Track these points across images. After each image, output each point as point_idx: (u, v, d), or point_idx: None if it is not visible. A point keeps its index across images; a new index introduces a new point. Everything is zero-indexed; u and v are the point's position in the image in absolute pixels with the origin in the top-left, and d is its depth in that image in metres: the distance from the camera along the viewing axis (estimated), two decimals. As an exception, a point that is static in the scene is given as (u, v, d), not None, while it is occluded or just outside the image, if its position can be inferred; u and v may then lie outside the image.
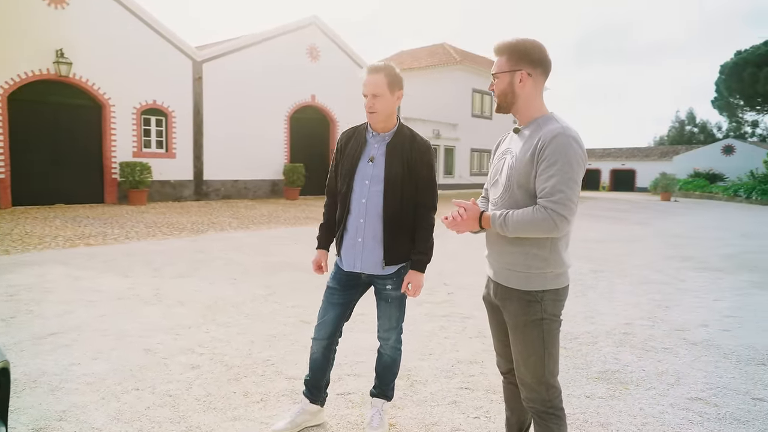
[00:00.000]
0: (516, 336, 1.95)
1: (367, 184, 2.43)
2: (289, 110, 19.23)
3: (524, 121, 1.95)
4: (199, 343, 3.86)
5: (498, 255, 1.98)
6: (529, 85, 1.90)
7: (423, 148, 2.47)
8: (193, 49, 16.57)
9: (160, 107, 15.79)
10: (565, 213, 1.74)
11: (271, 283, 5.87)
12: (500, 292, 1.98)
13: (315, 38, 19.86)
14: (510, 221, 1.81)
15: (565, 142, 1.77)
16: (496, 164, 2.04)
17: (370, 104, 2.37)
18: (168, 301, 4.97)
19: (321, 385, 2.65)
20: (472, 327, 4.45)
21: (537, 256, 1.87)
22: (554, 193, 1.74)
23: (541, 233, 1.78)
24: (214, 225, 11.01)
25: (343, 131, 2.63)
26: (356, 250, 2.46)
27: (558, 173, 1.75)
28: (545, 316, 1.89)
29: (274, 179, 18.93)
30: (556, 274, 1.90)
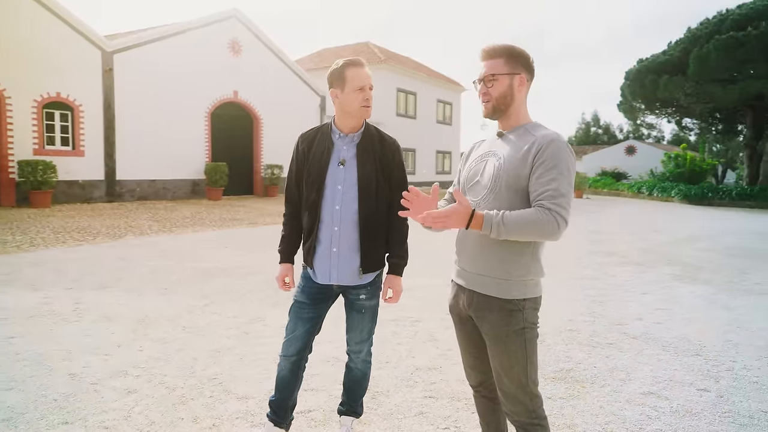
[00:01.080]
0: (497, 347, 1.87)
1: (340, 189, 2.26)
2: (210, 106, 18.36)
3: (509, 126, 1.92)
4: (133, 363, 3.49)
5: (473, 261, 1.90)
6: (525, 90, 1.89)
7: (393, 147, 2.36)
8: (102, 38, 15.33)
9: (65, 100, 14.47)
10: (566, 216, 1.70)
11: (206, 291, 5.49)
12: (477, 301, 1.89)
13: (236, 32, 19.10)
14: (509, 221, 1.69)
15: (562, 148, 1.77)
16: (475, 167, 1.97)
17: (368, 97, 2.23)
18: (91, 317, 4.48)
19: (288, 407, 2.44)
20: (424, 331, 4.38)
21: (517, 263, 1.82)
22: (557, 196, 1.70)
23: (542, 235, 1.70)
24: (133, 229, 10.23)
25: (303, 133, 2.43)
26: (332, 260, 2.28)
27: (559, 177, 1.72)
28: (527, 325, 1.84)
29: (195, 179, 17.98)
30: (536, 282, 1.87)
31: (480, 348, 1.99)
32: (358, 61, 2.24)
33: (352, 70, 2.21)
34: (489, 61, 1.87)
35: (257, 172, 20.40)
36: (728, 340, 4.26)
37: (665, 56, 23.51)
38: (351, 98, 2.21)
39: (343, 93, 2.21)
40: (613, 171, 38.39)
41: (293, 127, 21.48)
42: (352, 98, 2.21)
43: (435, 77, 31.25)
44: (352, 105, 2.22)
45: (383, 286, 2.41)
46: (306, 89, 22.52)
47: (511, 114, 1.90)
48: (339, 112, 2.28)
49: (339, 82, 2.22)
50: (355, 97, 2.21)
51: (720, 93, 21.59)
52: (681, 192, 23.50)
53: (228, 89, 18.85)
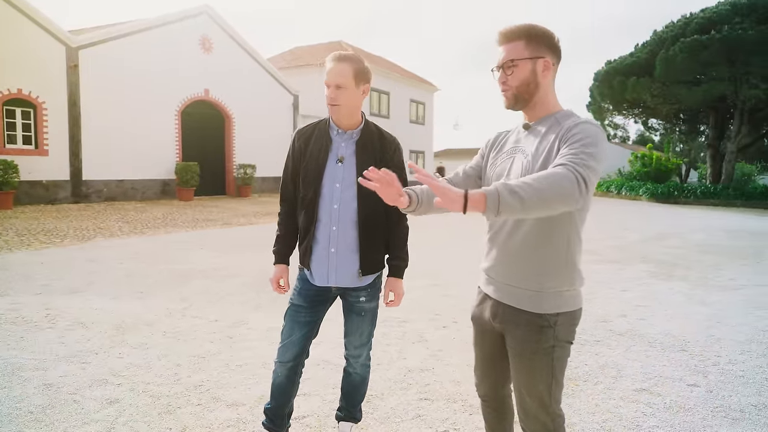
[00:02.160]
0: (521, 364, 1.71)
1: (338, 187, 2.17)
2: (180, 105, 17.93)
3: (537, 116, 1.69)
4: (113, 371, 3.33)
5: (502, 268, 1.72)
6: (551, 75, 1.67)
7: (392, 145, 2.27)
8: (66, 33, 14.79)
9: (26, 97, 13.91)
10: (589, 181, 1.38)
11: (185, 294, 5.31)
12: (503, 313, 1.72)
13: (207, 29, 18.72)
14: (524, 181, 1.34)
15: (591, 127, 1.54)
16: (501, 164, 1.75)
17: (333, 96, 2.11)
18: (64, 323, 4.27)
19: (284, 414, 2.34)
20: (412, 332, 4.32)
21: (552, 272, 1.63)
22: (581, 162, 1.41)
23: (561, 196, 1.35)
24: (102, 230, 9.89)
25: (299, 129, 2.32)
26: (330, 262, 2.19)
27: (586, 149, 1.45)
28: (557, 342, 1.64)
29: (165, 179, 17.54)
30: (573, 294, 1.67)
31: (498, 362, 1.85)
32: (333, 56, 2.14)
33: (328, 65, 2.13)
34: (507, 45, 1.65)
35: (229, 171, 20.04)
36: (711, 335, 4.34)
37: (633, 58, 24.05)
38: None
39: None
40: (582, 170, 39.12)
41: (266, 126, 21.21)
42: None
43: (408, 77, 31.29)
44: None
45: (384, 288, 2.33)
46: (279, 88, 22.23)
47: (537, 103, 1.68)
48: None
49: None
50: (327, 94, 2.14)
51: (685, 94, 22.20)
52: (649, 191, 24.10)
53: (199, 87, 18.46)
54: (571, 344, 1.71)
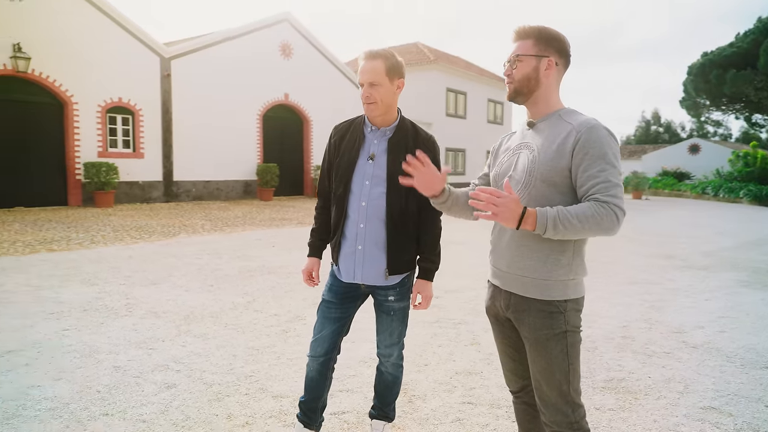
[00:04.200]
0: (537, 352, 1.74)
1: (368, 184, 2.17)
2: (261, 109, 18.78)
3: (540, 114, 1.79)
4: (175, 358, 3.55)
5: (511, 260, 1.77)
6: (553, 74, 1.76)
7: (428, 143, 2.23)
8: (161, 45, 15.98)
9: (126, 105, 15.17)
10: (623, 206, 1.57)
11: (251, 289, 5.56)
12: (515, 303, 1.78)
13: (288, 35, 19.45)
14: (566, 218, 1.55)
15: (605, 135, 1.64)
16: (507, 161, 1.84)
17: (367, 94, 2.11)
18: (140, 312, 4.61)
19: (317, 408, 2.38)
20: (466, 334, 4.24)
21: (559, 261, 1.69)
22: (610, 187, 1.57)
23: (601, 231, 1.57)
24: (186, 228, 10.57)
25: (336, 125, 2.35)
26: (356, 258, 2.19)
27: (607, 166, 1.59)
28: (568, 328, 1.71)
29: (247, 180, 18.45)
30: (577, 282, 1.74)
31: (520, 351, 1.88)
32: (364, 53, 2.13)
33: (361, 64, 2.13)
34: (518, 42, 1.76)
35: (307, 172, 20.70)
36: (803, 352, 3.89)
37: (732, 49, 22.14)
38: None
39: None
40: (674, 171, 36.53)
41: (342, 128, 21.68)
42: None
43: (486, 76, 30.75)
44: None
45: (413, 290, 2.28)
46: (356, 91, 22.65)
47: (539, 100, 1.77)
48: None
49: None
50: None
51: (795, 86, 20.11)
52: (751, 193, 22.04)
53: (279, 92, 19.23)
54: (581, 331, 1.76)
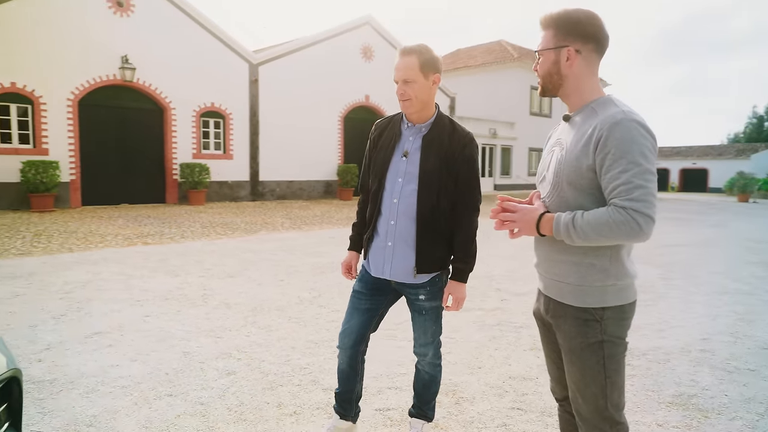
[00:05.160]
0: (571, 361, 1.65)
1: (400, 182, 2.17)
2: (343, 111, 19.27)
3: (575, 107, 1.66)
4: (238, 347, 3.75)
5: (548, 265, 1.69)
6: (579, 63, 1.60)
7: (464, 140, 2.18)
8: (250, 52, 16.89)
9: (218, 109, 16.18)
10: (649, 211, 1.42)
11: (318, 285, 5.74)
12: (552, 308, 1.70)
13: (369, 38, 19.79)
14: (580, 226, 1.48)
15: (631, 128, 1.46)
16: (545, 159, 1.76)
17: (402, 91, 2.11)
18: (213, 303, 4.92)
19: (351, 399, 2.42)
20: (527, 338, 4.11)
21: (594, 266, 1.57)
22: (632, 189, 1.42)
23: (622, 239, 1.45)
24: (267, 225, 11.09)
25: (378, 121, 2.36)
26: (386, 254, 2.21)
27: (631, 166, 1.43)
28: (605, 337, 1.58)
29: (328, 180, 19.01)
30: (619, 288, 1.59)
31: (559, 361, 1.80)
32: (399, 50, 2.12)
33: (396, 61, 2.13)
34: (542, 33, 1.65)
35: (386, 173, 20.92)
36: None
37: None
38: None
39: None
40: (791, 172, 32.96)
41: (422, 128, 21.73)
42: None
43: (573, 73, 29.46)
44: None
45: (444, 291, 2.23)
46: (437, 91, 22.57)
47: (569, 92, 1.64)
48: None
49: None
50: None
51: None
52: None
53: (360, 94, 19.62)
54: (625, 340, 1.62)
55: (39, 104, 12.91)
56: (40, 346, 3.67)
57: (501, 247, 8.31)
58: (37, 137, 12.99)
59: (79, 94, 13.49)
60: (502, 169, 26.72)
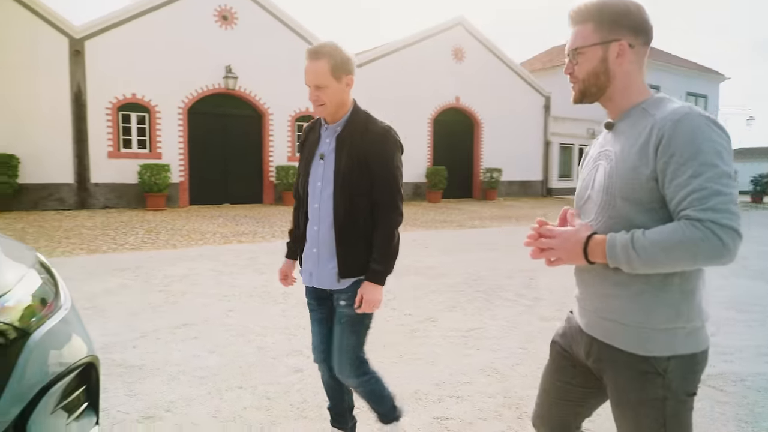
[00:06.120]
0: (623, 419, 1.38)
1: (319, 185, 2.10)
2: (432, 113, 19.27)
3: (620, 111, 1.40)
4: (309, 345, 3.87)
5: (597, 300, 1.40)
6: (630, 60, 1.36)
7: (377, 136, 2.06)
8: (342, 57, 17.39)
9: (312, 114, 16.80)
10: (733, 223, 1.13)
11: (394, 287, 5.78)
12: (598, 351, 1.39)
13: (461, 39, 19.62)
14: (643, 246, 1.19)
15: (701, 125, 1.20)
16: (586, 176, 1.47)
17: (315, 96, 2.02)
18: (293, 301, 5.14)
19: (343, 411, 2.39)
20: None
21: (659, 301, 1.28)
22: (708, 197, 1.14)
23: (700, 261, 1.17)
24: (353, 226, 11.35)
25: (308, 123, 2.28)
26: (313, 261, 2.14)
27: (704, 168, 1.16)
28: (669, 395, 1.30)
29: (416, 182, 19.08)
30: (690, 331, 1.30)
31: (572, 403, 1.57)
32: (307, 52, 2.00)
33: (305, 64, 2.01)
34: (576, 28, 1.40)
35: (476, 175, 20.63)
36: None
37: None
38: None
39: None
40: None
41: (515, 130, 21.18)
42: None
43: (683, 66, 27.22)
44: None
45: (357, 292, 2.08)
46: (530, 91, 21.91)
47: (615, 95, 1.39)
48: None
49: None
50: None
51: None
52: None
53: (450, 95, 19.51)
54: (694, 396, 1.33)
55: (154, 112, 14.22)
56: (137, 333, 4.05)
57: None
58: (152, 142, 14.33)
59: (188, 103, 14.68)
60: (601, 172, 25.29)
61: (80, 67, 13.27)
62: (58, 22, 12.92)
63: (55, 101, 13.01)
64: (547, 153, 22.86)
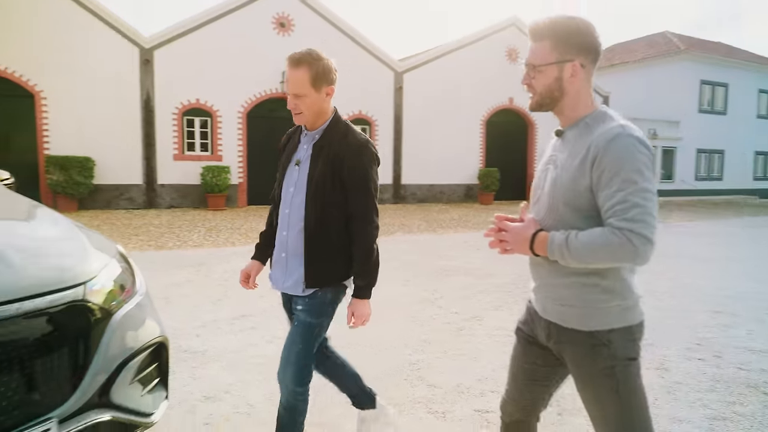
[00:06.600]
0: (583, 391, 1.59)
1: (291, 191, 2.11)
2: (485, 114, 19.15)
3: (568, 122, 1.58)
4: (356, 340, 4.06)
5: (548, 288, 1.60)
6: (581, 78, 1.52)
7: (354, 146, 2.05)
8: (395, 61, 17.63)
9: (364, 116, 17.16)
10: (647, 232, 1.35)
11: (441, 287, 5.90)
12: (555, 333, 1.61)
13: (514, 40, 19.39)
14: (574, 246, 1.41)
15: (628, 145, 1.39)
16: (539, 177, 1.67)
17: (293, 105, 2.04)
18: (342, 297, 5.34)
19: (361, 388, 2.50)
20: (653, 357, 3.82)
21: (598, 286, 1.50)
22: (627, 209, 1.36)
23: (618, 261, 1.40)
24: (404, 227, 11.52)
25: (288, 130, 2.32)
26: (281, 266, 2.15)
27: (626, 184, 1.37)
28: (616, 362, 1.49)
29: (468, 183, 19.03)
30: (625, 308, 1.52)
31: (538, 383, 1.74)
32: (288, 59, 2.00)
33: (286, 71, 2.03)
34: (533, 45, 1.55)
35: (529, 176, 20.29)
36: None
37: None
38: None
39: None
40: None
41: (570, 130, 20.70)
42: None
43: (755, 62, 25.70)
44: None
45: (347, 309, 2.11)
46: (586, 90, 21.35)
47: (564, 108, 1.56)
48: None
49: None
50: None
51: None
52: None
53: (503, 96, 19.33)
54: (637, 360, 1.53)
55: (216, 117, 14.93)
56: (199, 323, 4.37)
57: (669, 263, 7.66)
58: (213, 145, 15.04)
59: (247, 107, 15.31)
60: (663, 174, 24.29)
61: (149, 75, 14.13)
62: (129, 33, 13.82)
63: (126, 107, 13.92)
64: (605, 154, 22.17)
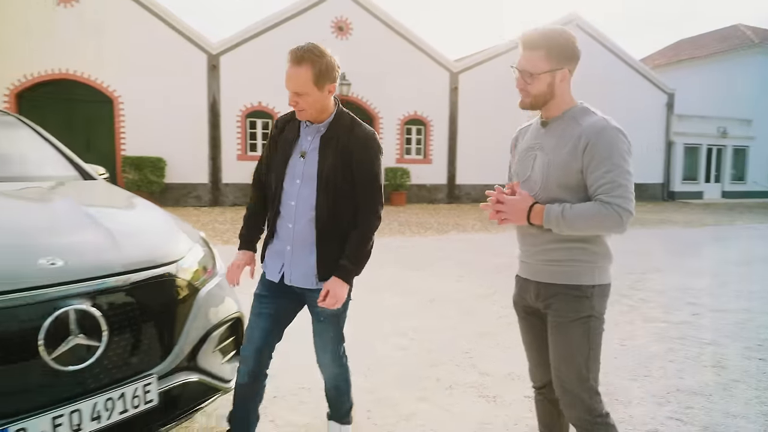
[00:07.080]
0: (559, 335, 1.80)
1: (298, 183, 2.06)
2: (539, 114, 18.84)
3: (551, 115, 1.83)
4: (414, 328, 4.25)
5: (537, 253, 1.84)
6: (567, 81, 1.79)
7: (362, 139, 2.05)
8: (450, 61, 17.68)
9: (420, 117, 17.32)
10: (629, 206, 1.65)
11: (496, 283, 5.98)
12: (544, 291, 1.84)
13: (574, 37, 18.98)
14: (570, 216, 1.67)
15: (614, 136, 1.69)
16: (524, 160, 1.90)
17: (294, 102, 2.01)
18: (397, 290, 5.54)
19: (249, 422, 2.21)
20: (711, 355, 3.79)
21: (585, 249, 1.77)
22: (614, 188, 1.65)
23: (605, 230, 1.69)
24: (458, 226, 11.60)
25: (282, 115, 2.23)
26: (285, 258, 2.10)
27: (614, 167, 1.67)
28: (593, 313, 1.77)
29: (524, 184, 18.78)
30: (604, 268, 1.80)
31: (545, 342, 1.92)
32: (289, 55, 1.97)
33: (286, 68, 1.98)
34: (528, 53, 1.76)
35: (588, 177, 19.83)
36: None
37: None
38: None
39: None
40: None
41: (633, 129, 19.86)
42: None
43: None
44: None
45: (323, 286, 2.02)
46: (650, 87, 20.61)
47: (551, 106, 1.81)
48: None
49: None
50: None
51: None
52: None
53: (561, 95, 18.95)
54: (603, 317, 1.81)
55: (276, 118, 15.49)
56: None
57: (703, 262, 7.41)
58: (274, 146, 15.62)
59: (306, 109, 15.80)
60: (733, 175, 23.01)
61: (216, 79, 14.88)
62: (198, 40, 14.61)
63: (194, 110, 14.72)
64: (669, 154, 21.30)
